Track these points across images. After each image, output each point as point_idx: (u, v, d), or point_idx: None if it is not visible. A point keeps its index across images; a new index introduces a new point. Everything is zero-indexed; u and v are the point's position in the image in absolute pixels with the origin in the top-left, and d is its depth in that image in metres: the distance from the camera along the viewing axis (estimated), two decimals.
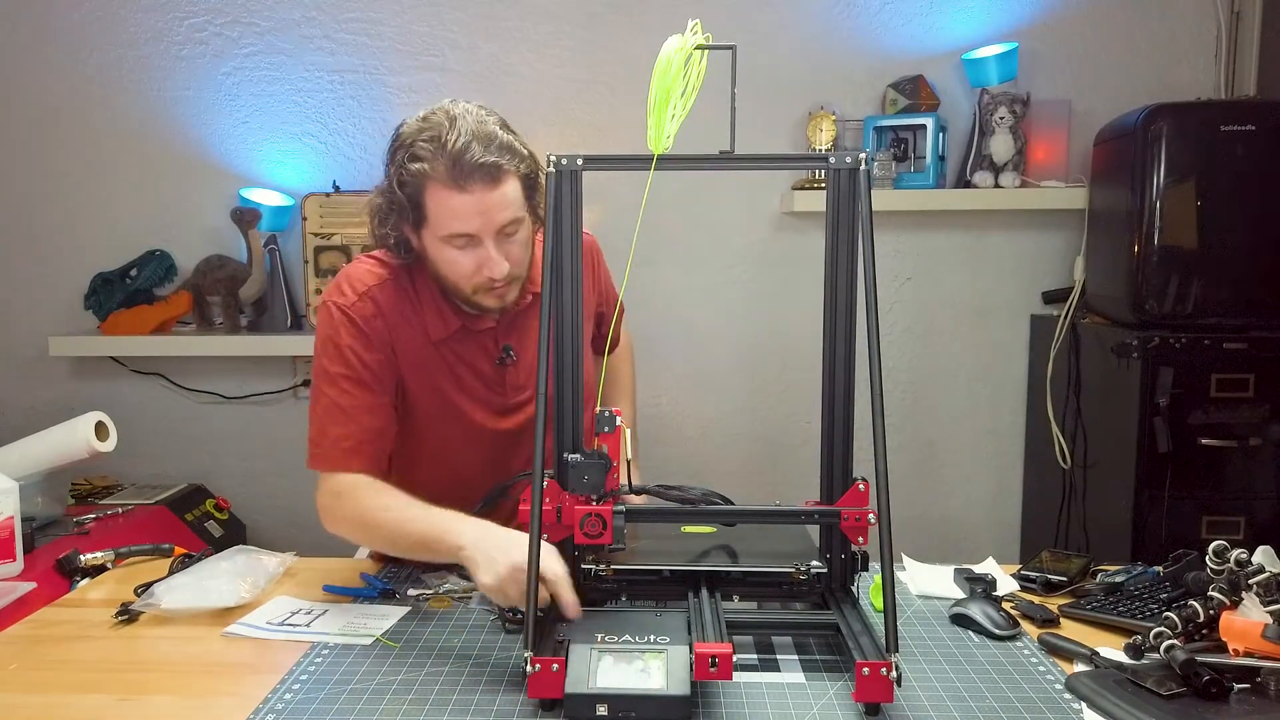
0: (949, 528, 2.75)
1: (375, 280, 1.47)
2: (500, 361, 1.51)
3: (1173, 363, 2.09)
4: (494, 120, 1.38)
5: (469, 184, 1.34)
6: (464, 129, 1.33)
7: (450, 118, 1.35)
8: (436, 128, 1.35)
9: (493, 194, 1.35)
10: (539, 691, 1.04)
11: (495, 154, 1.34)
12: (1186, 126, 2.14)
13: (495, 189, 1.35)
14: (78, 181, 2.70)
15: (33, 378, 2.75)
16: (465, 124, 1.34)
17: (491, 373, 1.51)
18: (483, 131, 1.34)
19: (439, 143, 1.33)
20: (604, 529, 1.19)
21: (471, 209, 1.35)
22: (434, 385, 1.50)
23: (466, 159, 1.32)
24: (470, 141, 1.33)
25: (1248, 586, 1.12)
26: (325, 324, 1.46)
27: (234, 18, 2.64)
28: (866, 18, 2.61)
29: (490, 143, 1.34)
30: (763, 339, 2.71)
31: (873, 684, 1.03)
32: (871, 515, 1.22)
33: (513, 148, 1.37)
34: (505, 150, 1.35)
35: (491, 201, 1.35)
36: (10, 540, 1.62)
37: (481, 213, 1.36)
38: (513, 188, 1.37)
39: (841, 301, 1.26)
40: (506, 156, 1.35)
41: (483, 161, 1.33)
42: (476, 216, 1.36)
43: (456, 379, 1.50)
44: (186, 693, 1.14)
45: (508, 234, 1.39)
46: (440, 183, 1.34)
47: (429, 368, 1.49)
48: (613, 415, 1.23)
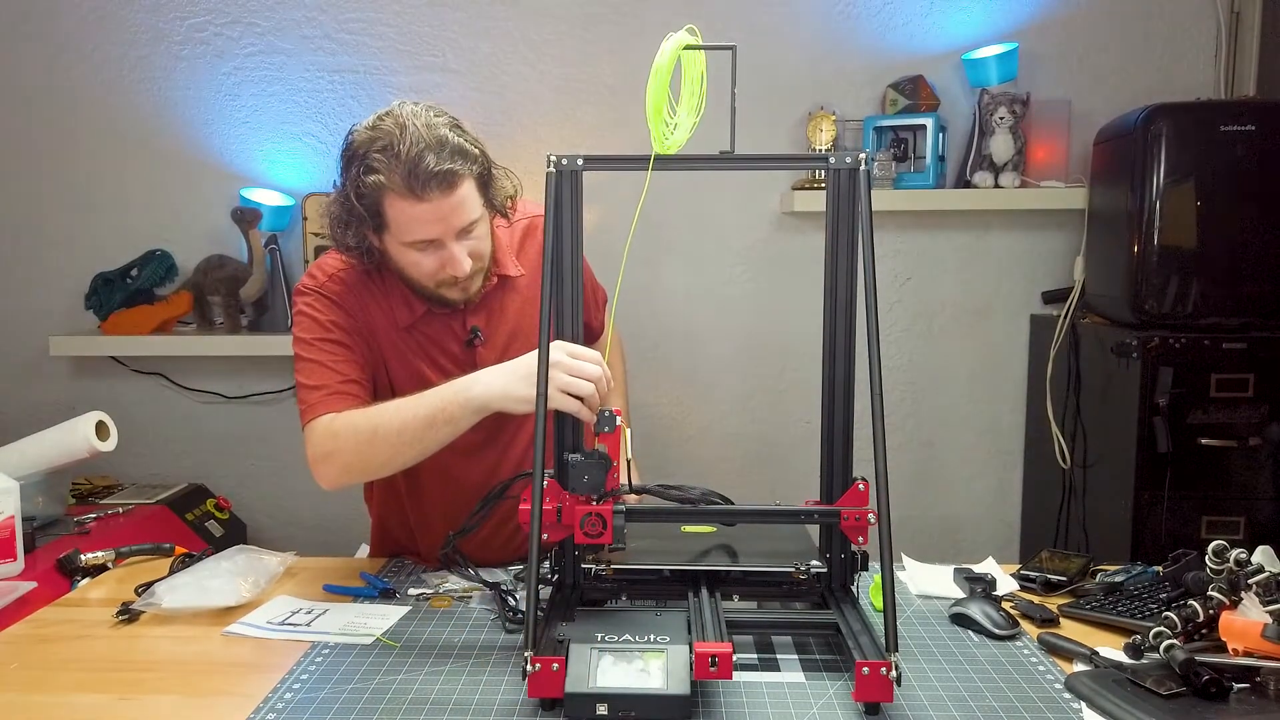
0: (949, 527, 2.76)
1: (343, 266, 1.51)
2: (469, 343, 1.52)
3: (1172, 363, 2.09)
4: (444, 122, 1.38)
5: (426, 193, 1.34)
6: (415, 138, 1.33)
7: (401, 125, 1.34)
8: (388, 136, 1.34)
9: (450, 200, 1.36)
10: (539, 691, 1.05)
11: (449, 160, 1.34)
12: (1186, 126, 2.14)
13: (452, 194, 1.36)
14: (78, 181, 2.70)
15: (33, 377, 2.75)
16: (416, 132, 1.34)
17: (461, 353, 1.53)
18: (434, 138, 1.34)
19: (392, 153, 1.33)
20: (604, 529, 1.19)
21: (431, 216, 1.36)
22: (408, 367, 1.52)
23: (421, 169, 1.32)
24: (423, 150, 1.33)
25: (1247, 586, 1.12)
26: (298, 305, 1.51)
27: (234, 18, 2.64)
28: (866, 18, 2.61)
29: (443, 149, 1.34)
30: (763, 339, 2.71)
31: (872, 683, 1.04)
32: (871, 515, 1.22)
33: (464, 151, 1.37)
34: (458, 155, 1.35)
35: (449, 207, 1.36)
36: (11, 540, 1.62)
37: (441, 219, 1.37)
38: (468, 189, 1.38)
39: (841, 301, 1.26)
40: (459, 161, 1.35)
41: (437, 170, 1.33)
42: (436, 223, 1.37)
43: (429, 360, 1.52)
44: (187, 692, 1.15)
45: (469, 233, 1.41)
46: (397, 193, 1.35)
47: (401, 349, 1.52)
48: (613, 415, 1.23)
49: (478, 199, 1.41)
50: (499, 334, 1.54)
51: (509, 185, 1.49)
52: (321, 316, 1.48)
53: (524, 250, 1.58)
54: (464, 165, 1.36)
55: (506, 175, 1.49)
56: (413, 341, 1.52)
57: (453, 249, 1.39)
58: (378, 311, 1.51)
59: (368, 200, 1.37)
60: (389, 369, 1.53)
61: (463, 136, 1.39)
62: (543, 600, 1.25)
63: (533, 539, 1.13)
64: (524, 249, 1.58)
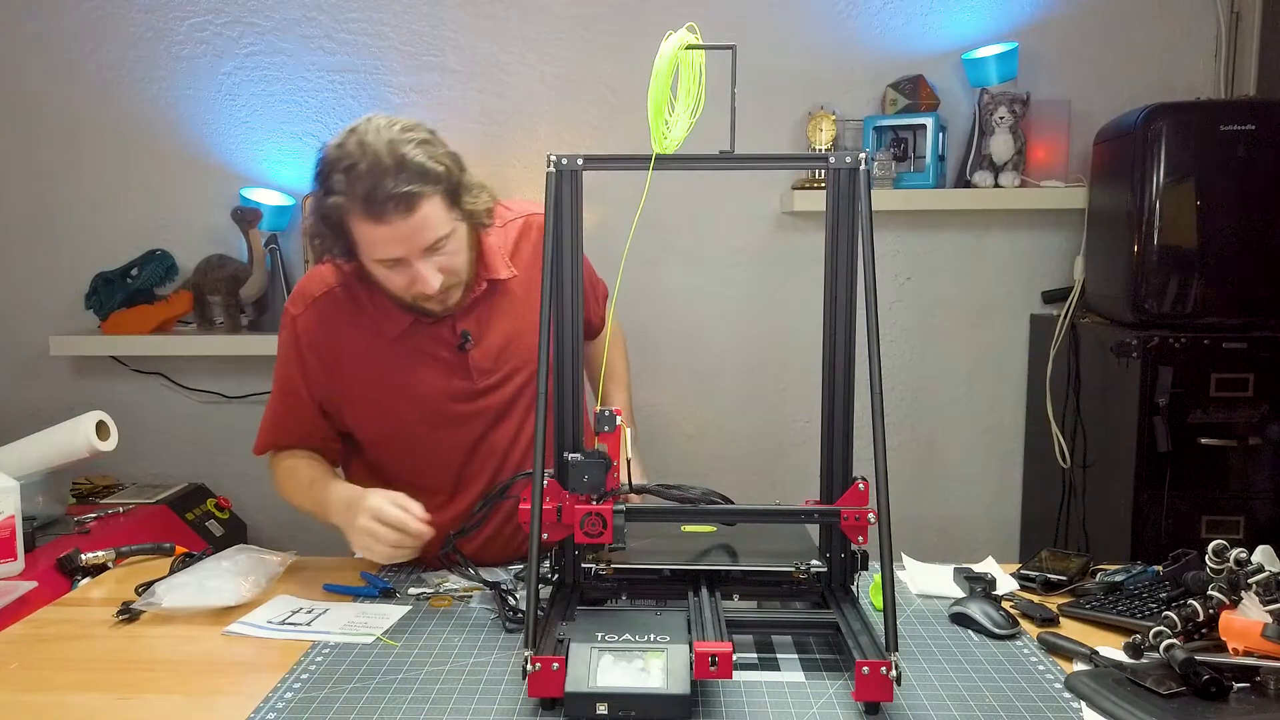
0: (948, 527, 2.76)
1: (324, 290, 1.52)
2: (460, 347, 1.52)
3: (1172, 362, 2.09)
4: (410, 138, 1.36)
5: (384, 216, 1.33)
6: (375, 160, 1.32)
7: (362, 145, 1.33)
8: (350, 157, 1.33)
9: (410, 221, 1.34)
10: (539, 690, 1.05)
11: (407, 182, 1.32)
12: (1186, 126, 2.14)
13: (412, 216, 1.34)
14: (78, 181, 2.70)
15: (33, 377, 2.75)
16: (377, 153, 1.32)
17: (454, 358, 1.52)
18: (395, 158, 1.32)
19: (353, 175, 1.33)
20: (604, 528, 1.19)
21: (391, 238, 1.36)
22: (402, 376, 1.52)
23: (379, 192, 1.32)
24: (382, 173, 1.32)
25: (1247, 586, 1.12)
26: (281, 329, 1.57)
27: (234, 17, 2.64)
28: (866, 18, 2.61)
29: (402, 170, 1.32)
30: (763, 339, 2.71)
31: (872, 683, 1.04)
32: (871, 514, 1.22)
33: (425, 171, 1.34)
34: (418, 176, 1.33)
35: (410, 229, 1.35)
36: (11, 539, 1.62)
37: (403, 239, 1.36)
38: (432, 208, 1.36)
39: (841, 301, 1.26)
40: (419, 182, 1.33)
41: (395, 193, 1.32)
42: (398, 244, 1.37)
43: (423, 367, 1.52)
44: (187, 692, 1.15)
45: (437, 249, 1.39)
46: (358, 215, 1.35)
47: (392, 360, 1.51)
48: (613, 415, 1.23)
49: (445, 215, 1.38)
50: (492, 336, 1.54)
51: (485, 196, 1.47)
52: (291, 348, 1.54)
53: (519, 250, 1.57)
54: (425, 186, 1.34)
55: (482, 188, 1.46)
56: (405, 350, 1.51)
57: (419, 267, 1.39)
58: (362, 330, 1.50)
59: (332, 220, 1.38)
60: (381, 380, 1.52)
61: (430, 152, 1.36)
62: (543, 600, 1.25)
63: (533, 539, 1.13)
64: (519, 248, 1.57)
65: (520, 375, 1.56)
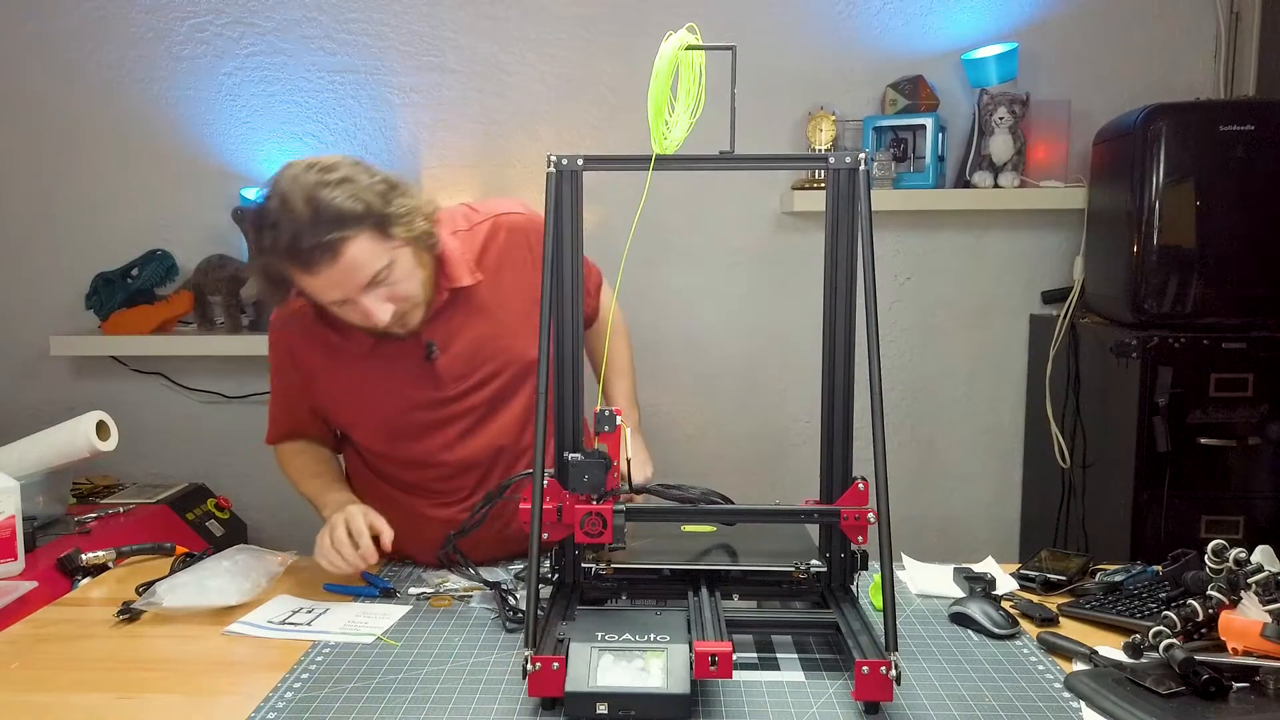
0: (948, 527, 2.76)
1: (298, 306, 1.52)
2: (427, 358, 1.51)
3: (1172, 362, 2.09)
4: (327, 180, 1.34)
5: (311, 266, 1.34)
6: (290, 216, 1.32)
7: (281, 198, 1.33)
8: (270, 215, 1.34)
9: (339, 265, 1.34)
10: (539, 690, 1.05)
11: (327, 230, 1.31)
12: (1186, 126, 2.14)
13: (340, 260, 1.33)
14: (79, 181, 2.70)
15: (34, 377, 2.75)
16: (293, 204, 1.32)
17: (422, 368, 1.52)
18: (311, 206, 1.31)
19: (274, 231, 1.33)
20: (604, 528, 1.19)
21: (325, 284, 1.36)
22: (377, 389, 1.53)
23: (301, 246, 1.32)
24: (301, 226, 1.31)
25: (1246, 586, 1.12)
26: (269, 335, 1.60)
27: (235, 18, 2.64)
28: (866, 18, 2.61)
29: (320, 219, 1.31)
30: (763, 339, 2.72)
31: (872, 683, 1.04)
32: (871, 514, 1.22)
33: (343, 214, 1.32)
34: (336, 221, 1.32)
35: (341, 272, 1.35)
36: (12, 539, 1.62)
37: (337, 284, 1.36)
38: (360, 249, 1.34)
39: (841, 301, 1.26)
40: (338, 228, 1.32)
41: (315, 244, 1.32)
42: (334, 288, 1.37)
43: (389, 381, 1.52)
44: (188, 691, 1.15)
45: (379, 282, 1.38)
46: (288, 268, 1.36)
47: (365, 374, 1.53)
48: (613, 415, 1.23)
49: (378, 249, 1.36)
50: (460, 343, 1.52)
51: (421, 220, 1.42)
52: (276, 360, 1.60)
53: (486, 253, 1.54)
54: (346, 229, 1.33)
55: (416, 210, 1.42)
56: (374, 365, 1.52)
57: (364, 303, 1.38)
58: (332, 347, 1.51)
59: (271, 274, 1.39)
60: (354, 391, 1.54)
61: (351, 191, 1.34)
62: (543, 600, 1.25)
63: (533, 539, 1.13)
64: (486, 251, 1.54)
65: (499, 378, 1.54)
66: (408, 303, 1.43)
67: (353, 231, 1.34)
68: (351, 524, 1.43)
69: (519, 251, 1.55)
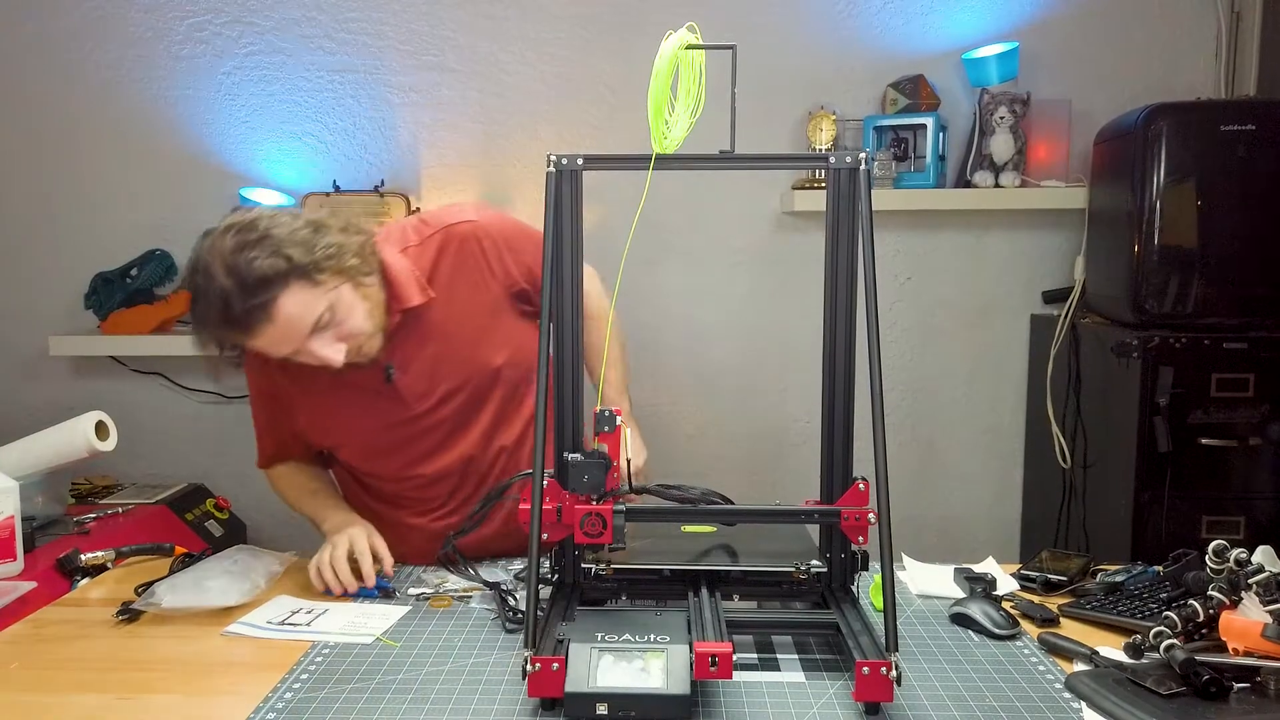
0: (949, 527, 2.76)
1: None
2: (387, 379, 1.50)
3: (1173, 362, 2.09)
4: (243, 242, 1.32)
5: (249, 330, 1.34)
6: (215, 287, 1.31)
7: (204, 272, 1.32)
8: (198, 289, 1.34)
9: (276, 324, 1.33)
10: (539, 690, 1.05)
11: (253, 295, 1.30)
12: (1186, 126, 2.14)
13: (275, 320, 1.33)
14: (78, 181, 2.70)
15: (33, 377, 2.75)
16: (216, 275, 1.31)
17: (385, 390, 1.51)
18: (234, 276, 1.30)
19: (206, 304, 1.33)
20: (604, 529, 1.19)
21: (268, 342, 1.36)
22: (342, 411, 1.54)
23: (232, 317, 1.32)
24: (227, 299, 1.30)
25: (1247, 586, 1.12)
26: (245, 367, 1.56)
27: (234, 17, 2.64)
28: (866, 18, 2.61)
29: (245, 285, 1.30)
30: (763, 339, 2.71)
31: (872, 683, 1.04)
32: (871, 515, 1.22)
33: (267, 276, 1.30)
34: (261, 284, 1.30)
35: (280, 330, 1.34)
36: (11, 540, 1.62)
37: (280, 340, 1.36)
38: (292, 303, 1.33)
39: (841, 301, 1.26)
40: (264, 290, 1.30)
41: (244, 310, 1.31)
42: (279, 344, 1.37)
43: (358, 402, 1.52)
44: (187, 692, 1.15)
45: (322, 327, 1.37)
46: (228, 335, 1.37)
47: (329, 399, 1.53)
48: (613, 415, 1.23)
49: (312, 297, 1.34)
50: (420, 361, 1.51)
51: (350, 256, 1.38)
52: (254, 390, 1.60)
53: (438, 267, 1.51)
54: (273, 289, 1.31)
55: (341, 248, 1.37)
56: (339, 391, 1.51)
57: (314, 350, 1.37)
58: (297, 377, 1.50)
59: (219, 341, 1.39)
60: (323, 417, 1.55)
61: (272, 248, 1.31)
62: (543, 600, 1.25)
63: (533, 539, 1.13)
64: (438, 266, 1.51)
65: (464, 390, 1.53)
66: (359, 337, 1.41)
67: (280, 289, 1.32)
68: (355, 544, 1.44)
69: (472, 261, 1.52)
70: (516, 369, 1.56)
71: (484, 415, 1.56)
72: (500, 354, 1.54)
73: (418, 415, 1.53)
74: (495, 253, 1.54)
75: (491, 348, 1.54)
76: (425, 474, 1.56)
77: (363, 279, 1.41)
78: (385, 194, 2.59)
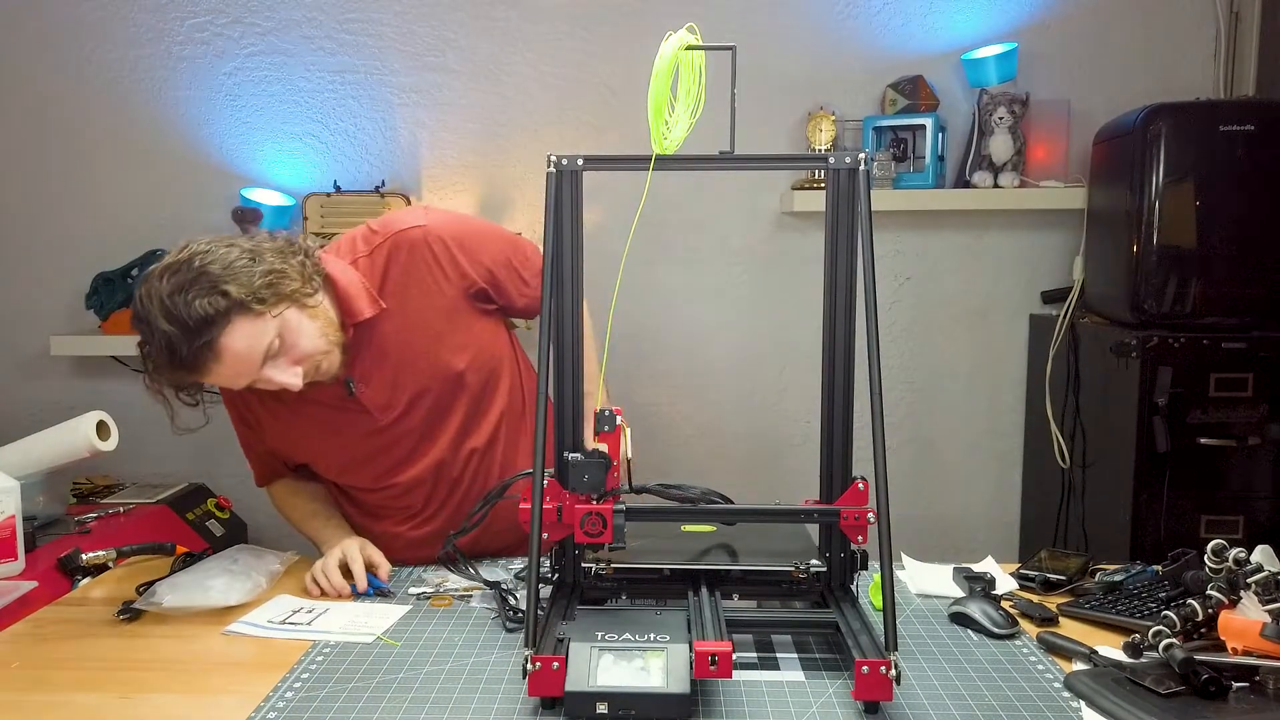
0: (948, 527, 2.76)
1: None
2: (349, 394, 1.49)
3: (1171, 362, 2.09)
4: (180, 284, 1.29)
5: (199, 370, 1.33)
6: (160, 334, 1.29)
7: (145, 321, 1.31)
8: (143, 337, 1.32)
9: (224, 362, 1.32)
10: (539, 689, 1.05)
11: (196, 336, 1.29)
12: (1186, 126, 2.14)
13: (223, 357, 1.32)
14: (79, 181, 2.71)
15: (34, 377, 2.75)
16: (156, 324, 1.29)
17: (348, 402, 1.50)
18: (174, 321, 1.28)
19: (153, 347, 1.32)
20: (604, 528, 1.20)
21: (222, 378, 1.36)
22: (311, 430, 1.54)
23: (178, 359, 1.30)
24: (171, 343, 1.29)
25: (1246, 585, 1.12)
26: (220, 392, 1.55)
27: (235, 18, 2.64)
28: (866, 18, 2.61)
29: (187, 329, 1.28)
30: (763, 339, 2.72)
31: (872, 682, 1.04)
32: (871, 514, 1.22)
33: (207, 317, 1.28)
34: (203, 325, 1.28)
35: (229, 366, 1.33)
36: (12, 539, 1.62)
37: (233, 375, 1.36)
38: (236, 337, 1.31)
39: (841, 301, 1.26)
40: (206, 331, 1.29)
41: (189, 354, 1.30)
42: (232, 378, 1.37)
43: (322, 423, 1.52)
44: (188, 691, 1.15)
45: (274, 354, 1.35)
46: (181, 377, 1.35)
47: (298, 418, 1.53)
48: (613, 415, 1.23)
49: (256, 328, 1.32)
50: (381, 372, 1.49)
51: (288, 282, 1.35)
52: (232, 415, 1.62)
53: (388, 276, 1.48)
54: (215, 328, 1.29)
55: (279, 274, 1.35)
56: (310, 410, 1.51)
57: (270, 377, 1.36)
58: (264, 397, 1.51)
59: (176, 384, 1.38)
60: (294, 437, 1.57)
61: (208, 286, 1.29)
62: (543, 599, 1.25)
63: (533, 539, 1.13)
64: (388, 274, 1.48)
65: (428, 396, 1.52)
66: (313, 357, 1.40)
67: (222, 326, 1.30)
68: (347, 552, 1.46)
69: (423, 267, 1.49)
70: (480, 371, 1.54)
71: (452, 420, 1.54)
72: (462, 357, 1.52)
73: (384, 426, 1.52)
74: (447, 255, 1.50)
75: (451, 352, 1.51)
76: (399, 483, 1.56)
77: (306, 300, 1.38)
78: (386, 194, 2.59)
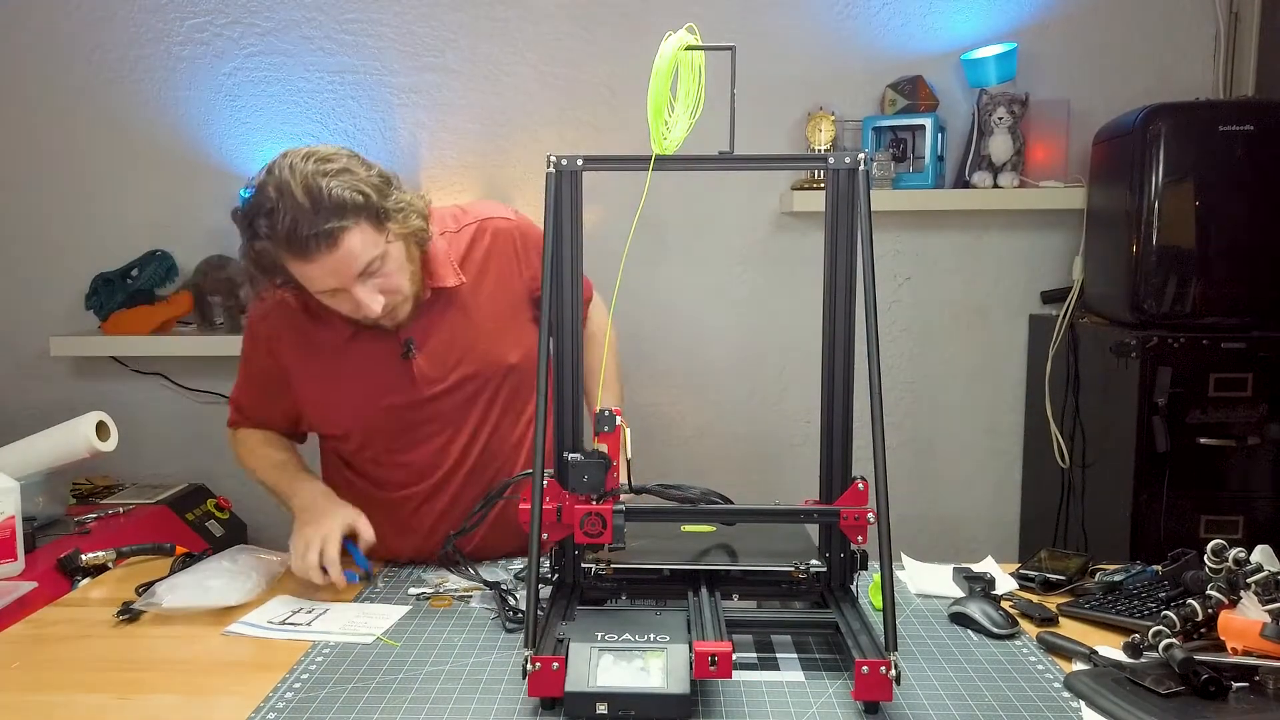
0: (948, 527, 2.76)
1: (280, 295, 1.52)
2: (404, 355, 1.51)
3: (1171, 362, 2.09)
4: (326, 170, 1.35)
5: (309, 253, 1.34)
6: (289, 203, 1.32)
7: (279, 188, 1.34)
8: (268, 202, 1.34)
9: (336, 254, 1.34)
10: (539, 690, 1.05)
11: (326, 219, 1.32)
12: (1185, 126, 2.14)
13: (337, 249, 1.34)
14: (79, 181, 2.71)
15: (34, 377, 2.75)
16: (293, 192, 1.32)
17: (399, 366, 1.52)
18: (311, 195, 1.32)
19: (273, 218, 1.34)
20: (604, 528, 1.20)
21: (321, 272, 1.37)
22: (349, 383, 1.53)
23: (299, 234, 1.32)
24: (299, 214, 1.32)
25: (1246, 585, 1.13)
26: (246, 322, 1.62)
27: (235, 18, 2.64)
28: (866, 18, 2.61)
29: (319, 208, 1.32)
30: (763, 339, 2.72)
31: (872, 682, 1.04)
32: (870, 514, 1.22)
33: (342, 205, 1.33)
34: (335, 211, 1.33)
35: (337, 261, 1.35)
36: (11, 540, 1.62)
37: (333, 272, 1.37)
38: (356, 239, 1.35)
39: (841, 301, 1.26)
40: (337, 217, 1.33)
41: (314, 233, 1.32)
42: (330, 276, 1.38)
43: (368, 374, 1.52)
44: (188, 692, 1.15)
45: (371, 273, 1.39)
46: (285, 256, 1.37)
47: (338, 369, 1.52)
48: (613, 415, 1.23)
49: (375, 239, 1.37)
50: (435, 344, 1.52)
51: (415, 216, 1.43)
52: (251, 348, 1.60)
53: (470, 256, 1.55)
54: (345, 219, 1.33)
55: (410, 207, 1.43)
56: (353, 361, 1.52)
57: (357, 294, 1.39)
58: (310, 339, 1.52)
59: (264, 261, 1.39)
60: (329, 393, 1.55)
61: (349, 182, 1.35)
62: (543, 600, 1.25)
63: (533, 539, 1.13)
64: (470, 254, 1.55)
65: (473, 381, 1.54)
66: (398, 295, 1.44)
67: (351, 221, 1.34)
68: (327, 550, 1.43)
69: (504, 257, 1.56)
70: (524, 372, 1.57)
71: (489, 412, 1.56)
72: (515, 352, 1.56)
73: (426, 399, 1.53)
74: (526, 254, 1.58)
75: (508, 344, 1.55)
76: (419, 462, 1.56)
77: (416, 243, 1.45)
78: None
